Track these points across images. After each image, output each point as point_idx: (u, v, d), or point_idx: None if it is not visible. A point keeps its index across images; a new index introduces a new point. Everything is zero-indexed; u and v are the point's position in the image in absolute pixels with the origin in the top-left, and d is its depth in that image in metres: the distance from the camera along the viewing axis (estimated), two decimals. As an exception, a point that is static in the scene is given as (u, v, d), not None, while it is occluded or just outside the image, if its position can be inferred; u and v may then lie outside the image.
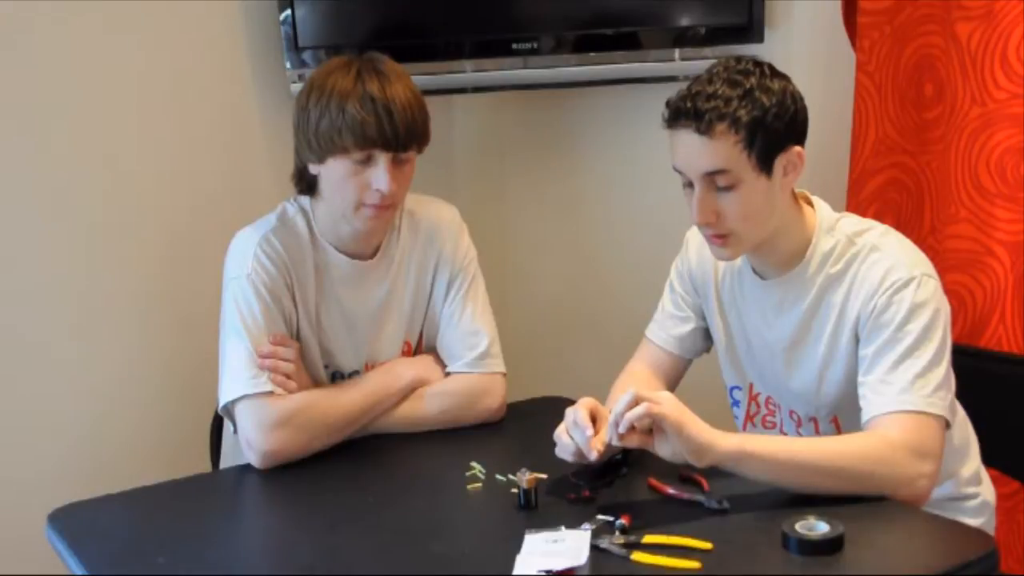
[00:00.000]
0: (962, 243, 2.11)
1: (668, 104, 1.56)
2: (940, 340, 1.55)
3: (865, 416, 1.54)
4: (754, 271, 1.70)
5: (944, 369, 1.55)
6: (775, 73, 1.56)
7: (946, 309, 1.59)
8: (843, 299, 1.60)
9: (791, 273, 1.64)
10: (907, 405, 1.51)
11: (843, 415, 1.66)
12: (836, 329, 1.61)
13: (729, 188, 1.54)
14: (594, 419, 1.53)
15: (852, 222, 1.66)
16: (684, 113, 1.52)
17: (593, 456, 1.49)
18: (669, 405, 1.43)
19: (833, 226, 1.64)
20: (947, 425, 1.54)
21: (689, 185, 1.57)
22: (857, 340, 1.60)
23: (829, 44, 2.39)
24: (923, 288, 1.56)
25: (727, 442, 1.44)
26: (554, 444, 1.56)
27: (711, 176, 1.54)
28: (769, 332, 1.69)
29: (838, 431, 1.67)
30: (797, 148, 1.57)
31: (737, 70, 1.54)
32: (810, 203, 1.67)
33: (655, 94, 1.63)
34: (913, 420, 1.50)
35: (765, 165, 1.54)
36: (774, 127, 1.52)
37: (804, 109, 1.58)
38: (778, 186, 1.57)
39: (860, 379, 1.57)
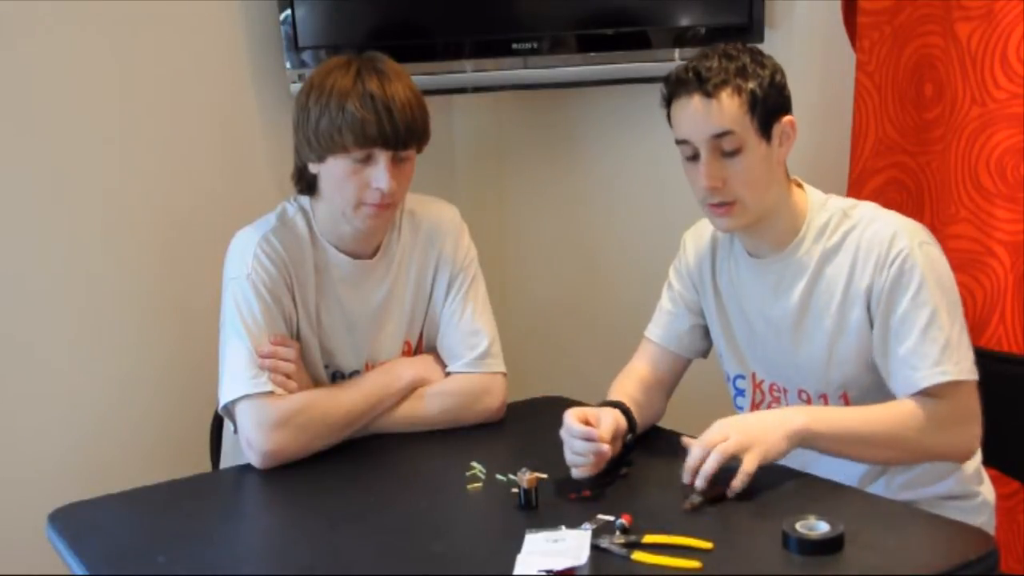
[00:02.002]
0: (962, 243, 2.10)
1: (667, 80, 1.62)
2: (954, 302, 1.60)
3: (904, 390, 1.57)
4: (749, 254, 1.70)
5: (962, 328, 1.60)
6: (762, 54, 1.63)
7: (949, 271, 1.63)
8: (848, 271, 1.62)
9: (787, 250, 1.66)
10: (944, 376, 1.56)
11: (852, 390, 1.66)
12: (844, 301, 1.62)
13: (734, 153, 1.58)
14: (587, 423, 1.55)
15: (841, 199, 1.70)
16: (687, 82, 1.59)
17: (606, 448, 1.53)
18: (732, 442, 1.47)
19: (825, 202, 1.68)
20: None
21: (692, 159, 1.61)
22: (869, 312, 1.61)
23: (829, 44, 2.39)
24: (928, 255, 1.60)
25: (792, 437, 1.50)
26: (555, 444, 1.56)
27: (717, 140, 1.58)
28: (771, 311, 1.69)
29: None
30: (789, 117, 1.63)
31: (730, 50, 1.61)
32: (800, 186, 1.70)
33: (655, 94, 1.64)
34: (953, 390, 1.56)
35: (765, 131, 1.60)
36: (771, 95, 1.60)
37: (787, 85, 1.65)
38: (775, 155, 1.62)
39: (892, 351, 1.59)
